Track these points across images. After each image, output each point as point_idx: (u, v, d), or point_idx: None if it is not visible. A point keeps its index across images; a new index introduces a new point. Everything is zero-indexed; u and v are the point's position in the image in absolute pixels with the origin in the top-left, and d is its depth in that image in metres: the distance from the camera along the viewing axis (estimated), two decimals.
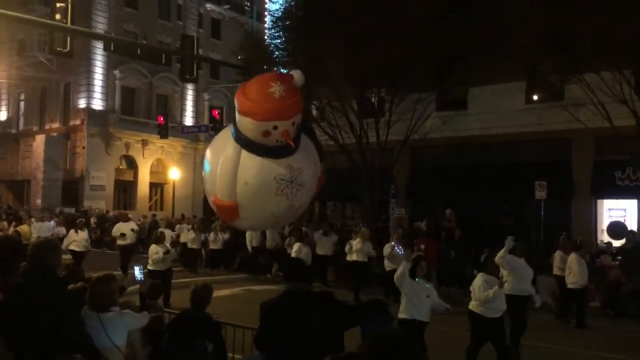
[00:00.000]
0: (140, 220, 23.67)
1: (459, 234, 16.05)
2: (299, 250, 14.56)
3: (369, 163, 18.52)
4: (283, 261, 16.31)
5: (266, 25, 24.12)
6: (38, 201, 31.11)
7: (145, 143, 34.54)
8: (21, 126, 37.08)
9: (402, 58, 16.23)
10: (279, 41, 20.46)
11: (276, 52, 20.58)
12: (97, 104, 33.00)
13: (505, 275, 8.26)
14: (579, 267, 11.54)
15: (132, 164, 35.03)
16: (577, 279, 11.52)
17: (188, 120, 37.24)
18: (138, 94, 35.07)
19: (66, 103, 34.27)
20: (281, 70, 20.25)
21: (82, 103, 32.95)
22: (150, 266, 11.69)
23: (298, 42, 19.52)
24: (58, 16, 14.37)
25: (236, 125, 4.58)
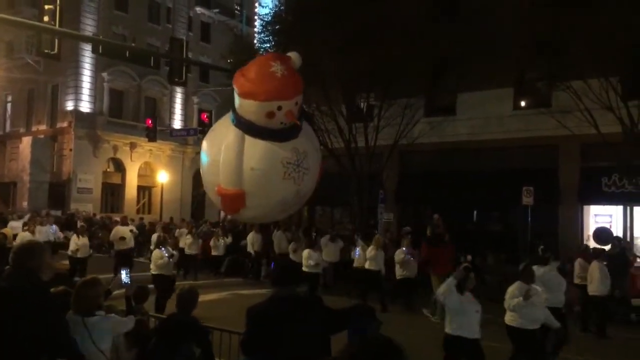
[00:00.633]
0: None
1: (448, 239, 16.08)
2: (309, 256, 14.00)
3: (358, 168, 18.55)
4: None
5: (256, 29, 24.17)
6: (24, 204, 30.83)
7: (133, 146, 34.37)
8: (8, 128, 36.77)
9: (392, 63, 16.29)
10: (269, 45, 20.45)
11: None
12: (85, 107, 32.80)
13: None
14: (601, 275, 11.31)
15: (120, 167, 34.83)
16: (599, 287, 11.30)
17: (177, 123, 37.10)
18: (126, 97, 34.91)
19: (54, 105, 34.02)
20: None
21: (70, 105, 32.73)
22: (154, 271, 11.40)
23: (287, 47, 19.52)
24: (46, 18, 14.27)
25: (236, 111, 4.44)
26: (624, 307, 12.94)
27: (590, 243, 16.30)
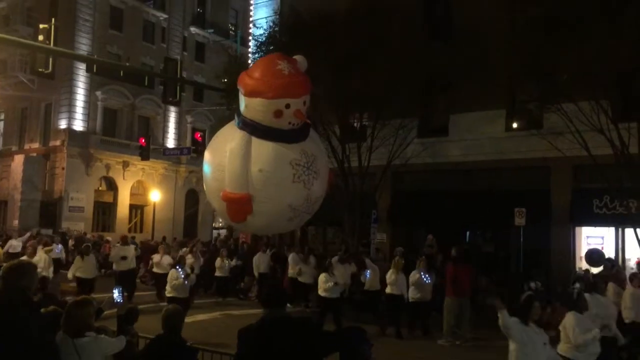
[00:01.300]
0: (119, 242, 23.34)
1: (441, 260, 16.06)
2: (325, 280, 12.84)
3: (351, 188, 18.57)
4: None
5: (250, 49, 24.22)
6: (15, 222, 30.59)
7: (126, 164, 34.32)
8: (0, 146, 36.65)
9: (385, 85, 16.41)
10: None
11: None
12: (78, 125, 32.79)
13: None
14: (632, 302, 10.38)
15: (112, 186, 34.73)
16: (631, 314, 10.34)
17: (170, 142, 37.12)
18: (120, 115, 34.94)
19: (47, 123, 34.02)
20: None
21: (63, 124, 32.72)
22: (169, 293, 10.92)
23: None
24: (41, 37, 14.34)
25: (240, 113, 4.32)
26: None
27: (582, 264, 16.35)
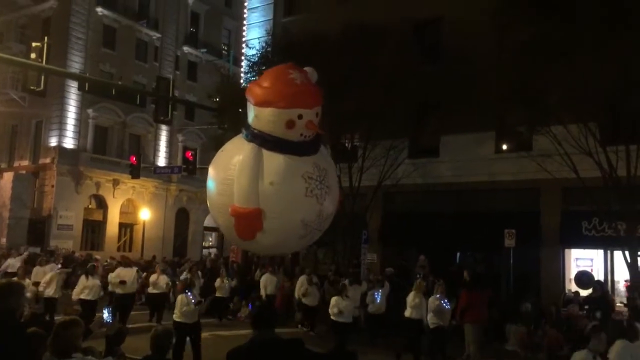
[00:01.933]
0: (107, 261, 23.19)
1: (431, 281, 16.02)
2: (337, 303, 12.59)
3: (342, 208, 18.56)
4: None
5: (242, 69, 24.34)
6: (2, 240, 30.28)
7: (116, 183, 34.15)
8: None
9: (376, 106, 16.51)
10: None
11: None
12: (69, 143, 32.66)
13: None
14: None
15: (102, 204, 34.50)
16: None
17: (161, 160, 37.03)
18: (111, 133, 34.86)
19: (37, 141, 33.85)
20: None
21: (54, 141, 32.58)
22: (178, 318, 10.45)
23: None
24: (33, 55, 14.36)
25: (249, 126, 4.15)
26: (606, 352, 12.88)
27: (572, 286, 16.38)
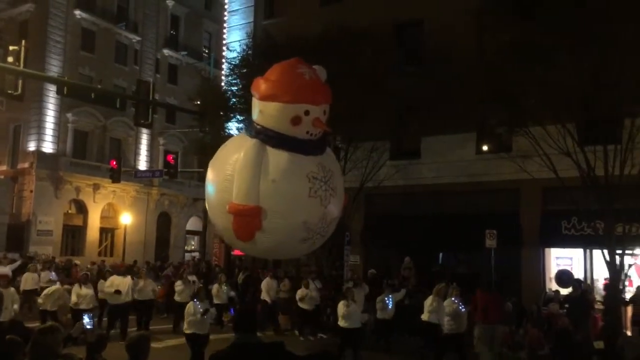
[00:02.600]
0: (88, 266, 22.91)
1: (413, 282, 16.13)
2: (344, 308, 12.22)
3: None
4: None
5: (223, 72, 24.28)
6: None
7: (96, 187, 33.81)
8: None
9: (358, 108, 16.54)
10: (236, 88, 20.61)
11: (233, 99, 20.71)
12: (48, 147, 32.29)
13: None
14: None
15: (82, 209, 34.13)
16: None
17: (142, 164, 36.75)
18: (91, 137, 34.53)
19: (15, 145, 33.41)
20: (237, 117, 20.36)
21: (32, 146, 32.19)
22: (187, 330, 10.14)
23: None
24: (10, 59, 14.18)
25: (253, 122, 3.99)
26: (587, 350, 13.05)
27: (552, 285, 16.57)
